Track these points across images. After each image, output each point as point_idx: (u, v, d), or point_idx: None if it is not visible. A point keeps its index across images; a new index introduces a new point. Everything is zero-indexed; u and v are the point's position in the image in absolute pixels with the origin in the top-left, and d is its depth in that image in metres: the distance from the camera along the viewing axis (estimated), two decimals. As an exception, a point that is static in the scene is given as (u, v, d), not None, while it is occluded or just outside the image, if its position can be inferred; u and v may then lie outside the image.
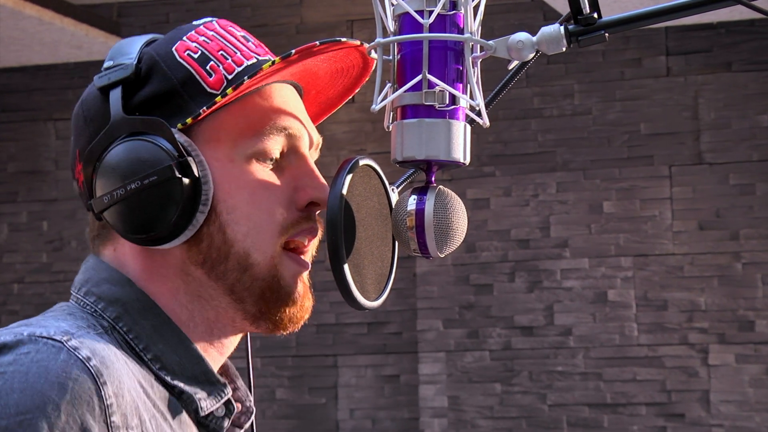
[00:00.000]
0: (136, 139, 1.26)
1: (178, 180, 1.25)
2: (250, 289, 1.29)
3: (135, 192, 1.25)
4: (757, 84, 6.03)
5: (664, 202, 6.06)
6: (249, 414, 1.38)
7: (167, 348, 1.28)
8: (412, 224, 1.29)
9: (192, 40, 1.34)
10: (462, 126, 1.29)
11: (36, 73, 6.71)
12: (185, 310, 1.31)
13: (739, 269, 5.96)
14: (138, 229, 1.26)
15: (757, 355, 5.92)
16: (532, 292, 6.15)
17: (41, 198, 6.67)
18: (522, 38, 1.31)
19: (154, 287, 1.30)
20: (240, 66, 1.31)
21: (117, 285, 1.30)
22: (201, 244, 1.28)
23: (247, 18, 6.51)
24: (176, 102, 1.29)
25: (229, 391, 1.31)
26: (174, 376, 1.27)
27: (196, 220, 1.27)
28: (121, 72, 1.31)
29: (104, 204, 1.26)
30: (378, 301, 1.34)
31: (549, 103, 6.22)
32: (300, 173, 1.32)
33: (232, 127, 1.30)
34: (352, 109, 6.31)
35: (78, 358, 1.16)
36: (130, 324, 1.28)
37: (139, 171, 1.25)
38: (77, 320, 1.26)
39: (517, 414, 6.11)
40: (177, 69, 1.31)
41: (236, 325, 1.32)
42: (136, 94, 1.30)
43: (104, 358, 1.18)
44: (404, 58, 1.30)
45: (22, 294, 6.63)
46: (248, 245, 1.28)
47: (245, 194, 1.29)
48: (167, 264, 1.30)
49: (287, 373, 6.33)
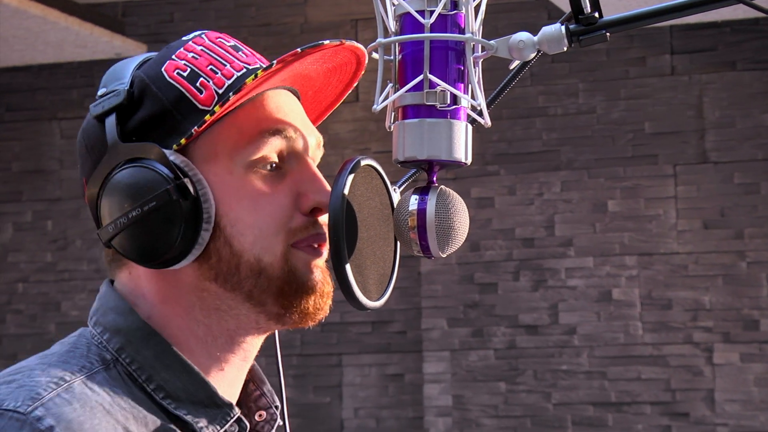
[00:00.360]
0: (133, 166, 1.27)
1: (177, 202, 1.26)
2: (268, 290, 1.30)
3: (137, 219, 1.26)
4: (762, 83, 6.02)
5: (669, 201, 6.05)
6: (273, 422, 1.39)
7: (170, 375, 1.29)
8: (413, 224, 1.30)
9: (181, 57, 1.33)
10: (463, 126, 1.30)
11: (40, 72, 6.72)
12: (202, 326, 1.31)
13: (743, 268, 5.96)
14: (145, 255, 1.27)
15: (762, 354, 5.91)
16: (537, 291, 6.15)
17: (46, 197, 6.68)
18: (523, 38, 1.31)
19: (169, 308, 1.31)
20: (230, 78, 1.31)
21: (121, 315, 1.31)
22: (210, 260, 1.29)
23: (251, 17, 6.51)
24: (170, 123, 1.30)
25: (236, 412, 1.31)
26: (178, 404, 1.28)
27: (201, 239, 1.28)
28: (114, 99, 1.31)
29: (110, 233, 1.28)
30: (380, 301, 1.34)
31: (553, 102, 6.22)
32: (302, 178, 1.32)
33: (227, 139, 1.30)
34: (355, 108, 6.31)
35: (40, 430, 1.17)
36: (132, 355, 1.29)
37: (138, 197, 1.26)
38: (72, 363, 1.26)
39: (521, 413, 6.11)
40: (167, 90, 1.31)
41: (260, 327, 1.33)
42: (131, 118, 1.30)
43: (70, 422, 1.19)
44: (405, 58, 1.30)
45: (26, 293, 6.63)
46: (257, 252, 1.29)
47: (247, 204, 1.29)
48: (181, 283, 1.31)
49: (291, 372, 6.33)
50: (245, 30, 6.44)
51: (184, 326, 1.31)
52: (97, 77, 6.62)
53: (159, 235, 1.26)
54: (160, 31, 6.57)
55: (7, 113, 6.78)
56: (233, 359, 1.34)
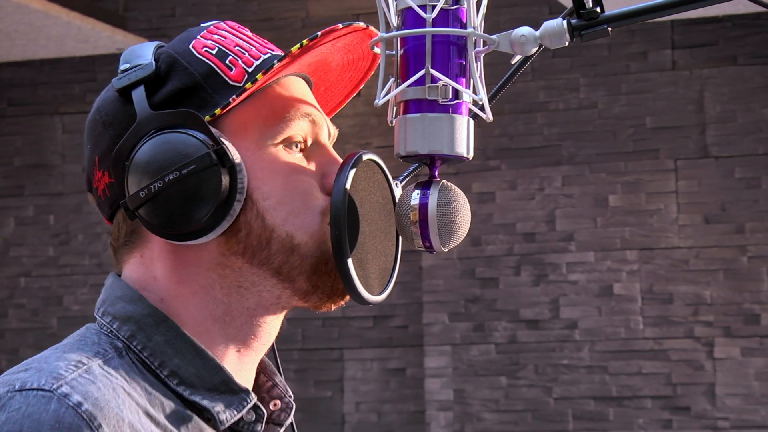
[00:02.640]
0: (167, 132, 1.25)
1: (216, 168, 1.24)
2: (299, 267, 1.29)
3: (173, 183, 1.23)
4: (763, 77, 6.03)
5: (670, 195, 6.06)
6: (289, 410, 1.37)
7: (183, 361, 1.27)
8: (415, 219, 1.29)
9: (206, 38, 1.33)
10: (465, 120, 1.29)
11: (42, 67, 6.72)
12: (221, 305, 1.30)
13: (744, 263, 5.96)
14: (176, 223, 1.25)
15: (763, 349, 5.92)
16: (538, 286, 6.15)
17: (47, 192, 6.68)
18: (525, 33, 1.31)
19: (185, 288, 1.30)
20: (257, 60, 1.32)
21: (129, 303, 1.29)
22: (239, 234, 1.28)
23: (253, 11, 6.52)
24: (200, 95, 1.29)
25: (252, 398, 1.30)
26: (192, 390, 1.27)
27: (233, 210, 1.26)
28: (140, 72, 1.29)
29: (140, 200, 1.24)
30: (381, 296, 1.34)
31: (554, 97, 6.22)
32: (325, 161, 1.33)
33: (257, 116, 1.30)
34: (357, 102, 6.32)
35: (69, 406, 1.15)
36: (144, 341, 1.27)
37: (175, 162, 1.24)
38: (83, 350, 1.25)
39: (522, 407, 6.12)
40: (198, 64, 1.30)
41: (281, 303, 1.31)
42: (158, 91, 1.29)
43: (97, 399, 1.17)
44: (407, 52, 1.30)
45: (28, 287, 6.64)
46: (289, 228, 1.28)
47: (279, 179, 1.29)
48: (200, 260, 1.29)
49: (293, 366, 6.34)
50: (247, 24, 6.35)
51: (201, 306, 1.29)
52: (98, 72, 6.63)
53: (194, 201, 1.24)
54: (161, 26, 6.57)
55: (9, 108, 6.79)
56: (252, 342, 1.32)
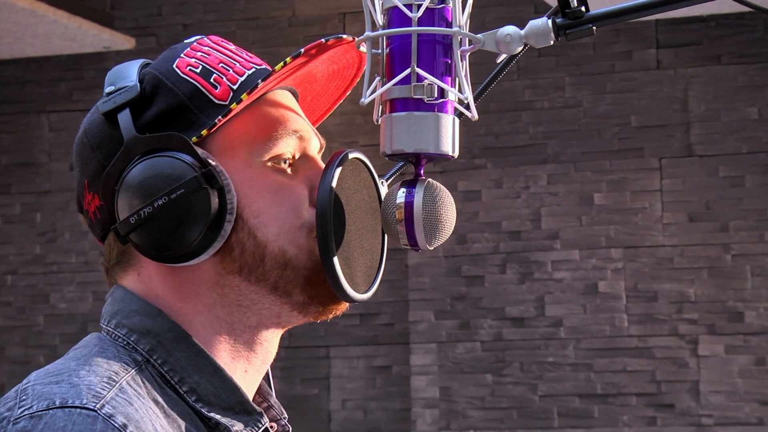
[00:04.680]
0: (154, 156, 1.25)
1: (205, 190, 1.24)
2: (294, 280, 1.29)
3: (163, 208, 1.23)
4: (747, 77, 6.05)
5: (654, 194, 6.07)
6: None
7: (202, 379, 1.27)
8: (401, 217, 1.30)
9: (190, 56, 1.33)
10: (451, 119, 1.30)
11: (29, 65, 6.71)
12: (224, 324, 1.30)
13: (728, 261, 5.98)
14: (168, 246, 1.25)
15: (747, 346, 5.94)
16: (523, 284, 6.16)
17: (34, 190, 6.67)
18: (510, 31, 1.31)
19: (188, 307, 1.29)
20: (242, 76, 1.31)
21: (148, 317, 1.28)
22: (233, 253, 1.28)
23: (239, 10, 6.51)
24: (186, 116, 1.29)
25: (266, 421, 1.30)
26: (210, 408, 1.26)
27: (224, 230, 1.26)
28: (126, 94, 1.29)
29: (131, 225, 1.24)
30: (367, 294, 1.34)
31: (540, 96, 6.23)
32: (313, 174, 1.33)
33: (245, 134, 1.30)
34: (343, 101, 6.31)
35: (115, 427, 1.14)
36: (164, 356, 1.26)
37: (164, 186, 1.24)
38: (109, 362, 1.23)
39: (508, 405, 6.13)
40: (182, 84, 1.30)
41: (281, 321, 1.32)
42: (144, 113, 1.29)
43: (138, 423, 1.16)
44: (393, 51, 1.30)
45: (15, 285, 6.63)
46: (282, 243, 1.29)
47: (268, 197, 1.29)
48: (198, 280, 1.29)
49: (279, 364, 6.33)
50: (233, 23, 6.44)
51: (207, 325, 1.29)
52: (85, 70, 6.62)
53: (185, 225, 1.24)
54: (148, 25, 6.56)
55: (-5, 106, 6.78)
56: (254, 360, 1.32)
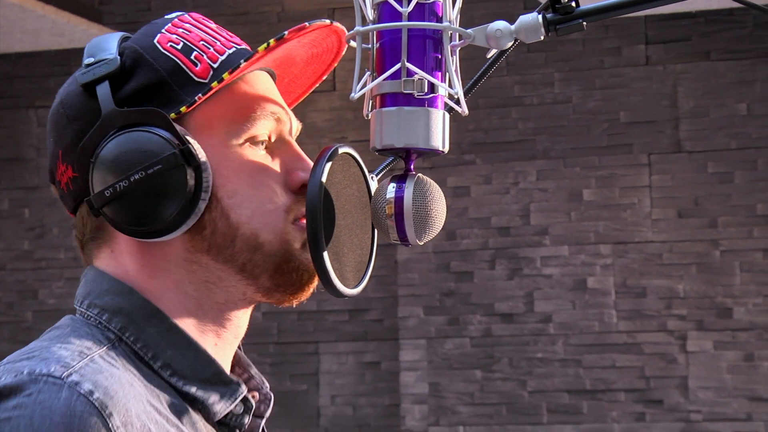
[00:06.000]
0: (132, 131, 1.25)
1: (182, 168, 1.24)
2: (263, 266, 1.29)
3: (138, 182, 1.23)
4: (735, 73, 6.06)
5: (643, 190, 6.08)
6: (268, 401, 1.37)
7: (176, 353, 1.27)
8: (391, 212, 1.29)
9: (171, 32, 1.32)
10: (441, 114, 1.30)
11: (17, 60, 6.70)
12: (192, 300, 1.30)
13: (717, 257, 5.99)
14: (141, 221, 1.24)
15: (735, 342, 5.95)
16: (512, 280, 6.17)
17: (23, 185, 6.66)
18: (500, 27, 1.31)
19: (158, 282, 1.29)
20: (222, 55, 1.31)
21: (119, 295, 1.28)
22: (204, 231, 1.28)
23: (229, 6, 6.51)
24: (165, 93, 1.28)
25: (243, 389, 1.30)
26: (186, 382, 1.27)
27: (198, 208, 1.26)
28: (105, 67, 1.29)
29: (105, 198, 1.24)
30: (357, 289, 1.34)
31: (529, 92, 6.24)
32: (289, 157, 1.32)
33: (223, 113, 1.29)
34: (333, 97, 6.32)
35: (80, 394, 1.15)
36: (136, 333, 1.26)
37: (141, 161, 1.23)
38: (81, 340, 1.24)
39: (497, 400, 6.14)
40: (163, 60, 1.29)
41: (246, 299, 1.31)
42: (123, 87, 1.28)
43: (107, 389, 1.17)
44: (383, 46, 1.30)
45: (3, 281, 6.62)
46: (254, 226, 1.28)
47: (244, 177, 1.29)
48: (168, 257, 1.29)
49: (269, 360, 6.34)
50: (222, 18, 6.43)
51: (175, 300, 1.29)
52: (74, 66, 6.61)
53: (159, 200, 1.24)
54: (137, 20, 6.56)
55: (-17, 101, 6.77)
56: (225, 334, 1.32)
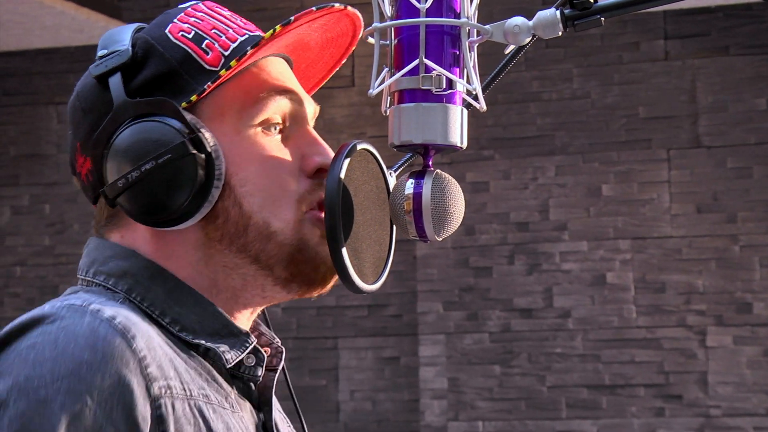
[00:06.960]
0: (143, 121, 1.25)
1: (192, 156, 1.24)
2: (277, 256, 1.28)
3: (150, 172, 1.24)
4: (754, 67, 6.04)
5: (662, 185, 6.07)
6: (280, 355, 1.37)
7: (183, 309, 1.27)
8: (409, 208, 1.29)
9: (183, 21, 1.33)
10: (459, 110, 1.30)
11: (37, 56, 6.72)
12: (206, 278, 1.30)
13: (736, 252, 5.98)
14: (155, 210, 1.25)
15: (755, 337, 5.94)
16: (531, 275, 6.17)
17: (43, 181, 6.69)
18: (518, 23, 1.31)
19: (171, 263, 1.29)
20: (234, 42, 1.31)
21: (123, 259, 1.28)
22: (217, 220, 1.28)
23: (248, 2, 6.52)
24: (176, 82, 1.29)
25: (253, 340, 1.30)
26: (195, 335, 1.27)
27: (211, 196, 1.26)
28: (117, 58, 1.30)
29: (118, 189, 1.25)
30: (376, 285, 1.34)
31: (548, 87, 6.23)
32: (304, 142, 1.32)
33: (234, 100, 1.30)
34: (351, 92, 6.32)
35: (102, 319, 1.17)
36: (143, 293, 1.27)
37: (151, 151, 1.24)
38: (93, 295, 1.24)
39: (516, 395, 6.14)
40: (174, 50, 1.30)
41: (265, 294, 1.31)
42: (135, 78, 1.29)
43: (128, 316, 1.19)
44: (401, 42, 1.30)
45: (24, 276, 6.65)
46: (266, 215, 1.28)
47: (256, 166, 1.28)
48: (184, 244, 1.29)
49: (288, 355, 6.34)
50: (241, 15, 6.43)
51: (188, 278, 1.29)
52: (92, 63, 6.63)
53: (171, 189, 1.24)
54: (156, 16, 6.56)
55: (3, 97, 6.79)
56: (237, 316, 1.32)
